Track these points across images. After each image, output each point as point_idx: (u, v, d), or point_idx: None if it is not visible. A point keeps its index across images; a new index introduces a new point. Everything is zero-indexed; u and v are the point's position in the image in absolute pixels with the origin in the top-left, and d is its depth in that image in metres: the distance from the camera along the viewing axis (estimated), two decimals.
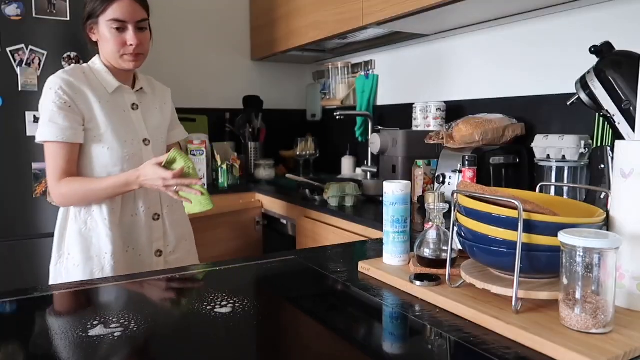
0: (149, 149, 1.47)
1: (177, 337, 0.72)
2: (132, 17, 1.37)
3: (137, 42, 1.37)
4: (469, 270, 0.83)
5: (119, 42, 1.37)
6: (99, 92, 1.41)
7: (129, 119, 1.45)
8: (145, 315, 0.79)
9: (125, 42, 1.37)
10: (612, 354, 0.61)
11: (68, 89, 1.34)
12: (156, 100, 1.57)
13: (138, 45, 1.38)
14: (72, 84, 1.36)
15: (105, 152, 1.40)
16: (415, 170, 1.90)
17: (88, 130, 1.38)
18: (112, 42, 1.37)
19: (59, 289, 0.91)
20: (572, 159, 1.46)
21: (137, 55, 1.40)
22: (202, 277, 1.02)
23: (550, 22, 1.75)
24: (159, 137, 1.53)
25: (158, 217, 1.47)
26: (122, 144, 1.41)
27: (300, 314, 0.81)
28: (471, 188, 0.79)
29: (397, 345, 0.71)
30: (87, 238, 1.38)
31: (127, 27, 1.36)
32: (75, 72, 1.40)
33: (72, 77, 1.37)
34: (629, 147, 0.75)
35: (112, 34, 1.36)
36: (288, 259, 1.11)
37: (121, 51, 1.38)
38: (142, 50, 1.41)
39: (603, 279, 0.66)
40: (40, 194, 2.07)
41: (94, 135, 1.39)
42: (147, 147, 1.47)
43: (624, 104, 1.17)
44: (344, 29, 2.14)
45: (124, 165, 1.41)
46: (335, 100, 2.84)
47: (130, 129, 1.44)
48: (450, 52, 2.17)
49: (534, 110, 1.80)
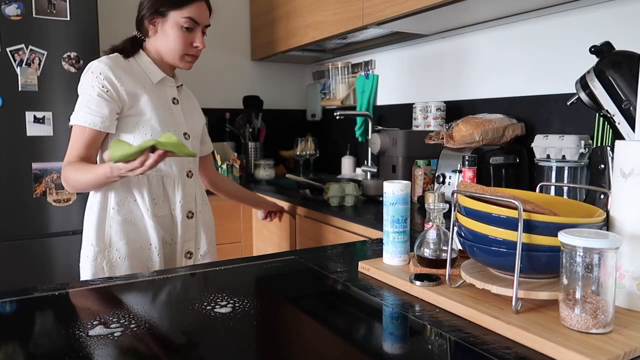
0: (188, 143, 1.46)
1: (177, 337, 0.72)
2: (204, 21, 1.40)
3: (203, 46, 1.40)
4: (469, 270, 0.83)
5: (185, 42, 1.37)
6: (142, 80, 1.39)
7: (172, 111, 1.44)
8: (146, 316, 0.79)
9: (192, 43, 1.38)
10: (612, 354, 0.61)
11: (111, 75, 1.31)
12: (190, 99, 1.58)
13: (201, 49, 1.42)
14: (115, 70, 1.33)
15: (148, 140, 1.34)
16: (415, 170, 1.90)
17: (129, 117, 1.35)
18: (178, 40, 1.36)
19: (59, 289, 0.91)
20: (572, 159, 1.46)
21: (197, 58, 1.44)
22: (202, 277, 1.02)
23: (550, 22, 1.75)
24: (197, 135, 1.53)
25: (192, 215, 1.46)
26: (165, 132, 1.36)
27: (300, 314, 0.81)
28: (471, 188, 0.79)
29: (397, 345, 0.71)
30: (134, 229, 1.35)
31: (197, 29, 1.38)
32: (119, 59, 1.38)
33: (116, 64, 1.34)
34: (629, 147, 0.75)
35: (181, 33, 1.36)
36: (288, 259, 1.11)
37: (185, 51, 1.38)
38: (199, 53, 1.44)
39: (603, 279, 0.66)
40: (40, 194, 2.07)
41: (137, 122, 1.35)
42: (187, 141, 1.45)
43: (624, 104, 1.17)
44: (344, 29, 2.14)
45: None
46: (335, 100, 2.84)
47: (173, 119, 1.43)
48: (450, 52, 2.17)
49: (534, 110, 1.80)
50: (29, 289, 0.89)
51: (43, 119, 2.05)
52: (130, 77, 1.35)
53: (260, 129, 2.87)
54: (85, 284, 0.95)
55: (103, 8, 2.55)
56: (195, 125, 1.53)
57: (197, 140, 1.53)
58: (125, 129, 1.35)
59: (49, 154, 2.07)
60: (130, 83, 1.35)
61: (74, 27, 2.08)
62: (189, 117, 1.49)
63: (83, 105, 1.31)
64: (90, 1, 2.11)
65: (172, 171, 1.44)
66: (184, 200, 1.44)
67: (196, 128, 1.53)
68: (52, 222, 2.10)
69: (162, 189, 1.41)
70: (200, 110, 1.61)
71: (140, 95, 1.36)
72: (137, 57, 1.43)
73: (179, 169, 1.44)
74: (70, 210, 2.12)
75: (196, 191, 1.49)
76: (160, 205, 1.40)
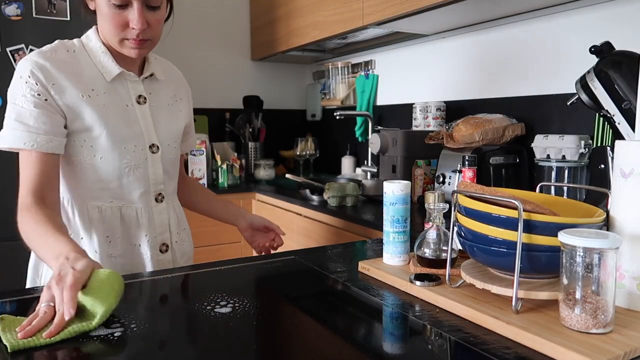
0: (157, 158, 1.15)
1: (177, 337, 0.72)
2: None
3: (141, 26, 1.02)
4: (469, 270, 0.83)
5: (117, 23, 1.02)
6: (90, 80, 1.07)
7: (132, 117, 1.11)
8: (146, 316, 0.79)
9: (127, 24, 1.02)
10: (612, 354, 0.61)
11: (42, 77, 1.01)
12: (170, 90, 1.22)
13: (144, 30, 1.03)
14: (47, 70, 1.02)
15: (98, 163, 1.07)
16: (415, 170, 1.90)
17: (73, 134, 1.05)
18: (109, 21, 1.02)
19: None
20: (572, 159, 1.46)
21: (143, 42, 1.05)
22: (202, 277, 1.02)
23: (550, 22, 1.75)
24: (172, 142, 1.19)
25: (167, 249, 1.18)
26: (120, 152, 1.08)
27: (300, 314, 0.81)
28: (471, 188, 0.79)
29: (397, 345, 0.71)
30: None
31: (132, 4, 1.01)
32: (57, 52, 1.06)
33: (48, 61, 1.03)
34: (629, 147, 0.75)
35: (110, 10, 1.01)
36: (288, 259, 1.11)
37: (120, 35, 1.04)
38: (149, 35, 1.05)
39: (603, 279, 0.66)
40: None
41: (83, 140, 1.06)
42: (154, 155, 1.14)
43: (624, 104, 1.17)
44: (344, 29, 2.14)
45: (123, 180, 1.10)
46: (335, 100, 2.84)
47: (133, 130, 1.10)
48: (450, 52, 2.17)
49: (534, 110, 1.80)
50: (28, 289, 0.89)
51: None
52: (70, 76, 1.04)
53: (260, 129, 2.87)
54: None
55: None
56: (172, 125, 1.20)
57: (173, 147, 1.20)
58: (69, 149, 1.06)
59: None
60: (70, 88, 1.03)
61: (74, 27, 2.08)
62: (161, 118, 1.17)
63: (14, 120, 1.00)
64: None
65: (132, 197, 1.13)
66: (154, 232, 1.15)
67: (173, 130, 1.20)
68: None
69: (120, 221, 1.11)
70: (185, 99, 1.27)
71: (83, 104, 1.04)
72: (87, 44, 1.10)
73: (142, 192, 1.13)
74: None
75: (170, 217, 1.20)
76: (116, 242, 1.11)
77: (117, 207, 1.12)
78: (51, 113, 1.02)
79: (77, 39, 1.12)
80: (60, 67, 1.04)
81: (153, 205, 1.16)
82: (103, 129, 1.06)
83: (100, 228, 1.10)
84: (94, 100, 1.06)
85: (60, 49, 1.07)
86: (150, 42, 1.08)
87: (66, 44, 1.09)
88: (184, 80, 1.30)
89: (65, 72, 1.04)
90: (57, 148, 1.03)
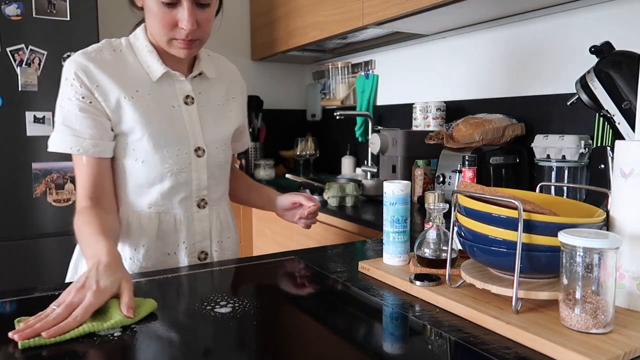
0: (202, 162, 1.09)
1: (177, 337, 0.72)
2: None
3: (191, 26, 0.97)
4: (469, 270, 0.83)
5: (166, 22, 0.97)
6: (135, 81, 1.03)
7: (178, 119, 1.06)
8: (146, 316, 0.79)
9: (176, 23, 0.98)
10: (612, 354, 0.60)
11: (86, 79, 0.98)
12: (222, 88, 1.16)
13: (194, 30, 0.98)
14: (90, 72, 0.99)
15: (139, 168, 1.04)
16: (415, 170, 1.90)
17: (117, 136, 1.03)
18: (158, 20, 0.98)
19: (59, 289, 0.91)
20: (572, 159, 1.46)
21: (191, 42, 1.01)
22: (202, 277, 1.02)
23: (550, 22, 1.75)
24: (220, 145, 1.13)
25: (205, 257, 1.14)
26: (162, 156, 1.04)
27: (300, 314, 0.81)
28: (471, 188, 0.79)
29: (397, 345, 0.71)
30: None
31: (181, 3, 0.96)
32: (102, 52, 1.02)
33: (92, 62, 0.99)
34: (629, 147, 0.75)
35: (159, 9, 0.97)
36: (288, 259, 1.11)
37: (169, 34, 0.99)
38: (198, 35, 1.01)
39: (603, 279, 0.66)
40: (40, 194, 2.07)
41: (125, 143, 1.03)
42: (199, 159, 1.09)
43: (624, 104, 1.17)
44: (344, 29, 2.14)
45: (164, 185, 1.05)
46: (335, 100, 2.84)
47: (177, 133, 1.05)
48: (450, 52, 2.17)
49: (534, 110, 1.80)
50: (29, 289, 0.89)
51: (43, 119, 2.05)
52: (115, 79, 1.01)
53: (260, 129, 2.87)
54: None
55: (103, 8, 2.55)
56: (221, 127, 1.14)
57: (222, 150, 1.14)
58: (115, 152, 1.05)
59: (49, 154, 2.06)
60: (114, 90, 1.00)
61: (74, 27, 2.08)
62: (210, 119, 1.12)
63: (60, 123, 1.00)
64: (90, 1, 2.11)
65: (172, 203, 1.08)
66: (193, 239, 1.11)
67: (222, 132, 1.14)
68: (52, 222, 2.10)
69: (157, 229, 1.08)
70: (239, 97, 1.21)
71: (127, 106, 1.01)
72: (134, 43, 1.07)
73: (183, 198, 1.09)
74: (70, 210, 2.12)
75: (212, 224, 1.15)
76: (150, 251, 1.07)
77: (156, 213, 1.08)
78: (96, 116, 1.00)
79: (125, 37, 1.09)
80: (104, 67, 1.01)
81: (194, 211, 1.11)
82: (145, 132, 1.02)
83: (137, 235, 1.07)
84: (137, 101, 1.02)
85: (106, 49, 1.04)
86: (199, 42, 1.03)
87: (113, 43, 1.06)
88: (239, 77, 1.24)
89: (110, 72, 1.01)
90: (104, 152, 1.01)
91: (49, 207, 2.09)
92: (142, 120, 1.02)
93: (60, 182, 2.10)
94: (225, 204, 1.22)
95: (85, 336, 0.70)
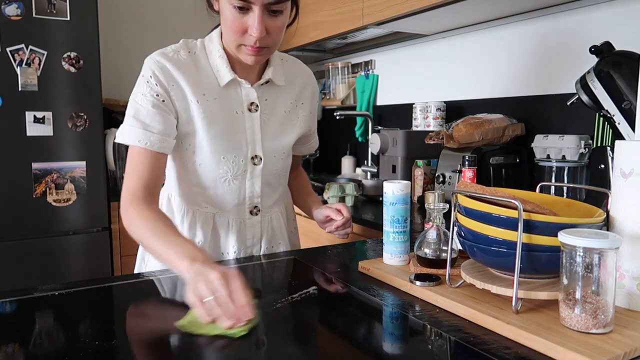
0: (258, 170, 1.10)
1: (177, 338, 0.72)
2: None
3: (259, 34, 0.95)
4: (469, 270, 0.83)
5: (237, 27, 0.97)
6: (205, 84, 1.05)
7: (239, 126, 1.07)
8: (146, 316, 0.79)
9: (246, 29, 0.97)
10: (612, 354, 0.60)
11: (163, 78, 1.01)
12: (291, 95, 1.16)
13: (263, 37, 0.97)
14: (168, 71, 1.01)
15: (197, 169, 1.07)
16: (415, 170, 1.90)
17: (180, 136, 1.05)
18: (229, 25, 0.98)
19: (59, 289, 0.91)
20: (572, 159, 1.46)
21: (260, 49, 0.99)
22: None
23: (550, 22, 1.75)
24: (279, 154, 1.14)
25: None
26: (218, 161, 1.06)
27: (300, 314, 0.81)
28: (471, 188, 0.79)
29: (397, 345, 0.71)
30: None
31: (252, 8, 0.95)
32: (179, 53, 1.04)
33: (169, 62, 1.02)
34: (629, 147, 0.75)
35: (231, 14, 0.96)
36: (288, 259, 1.11)
37: (239, 40, 0.99)
38: (267, 42, 0.99)
39: (603, 279, 0.66)
40: (40, 194, 2.07)
41: (188, 144, 1.06)
42: (255, 167, 1.10)
43: (624, 104, 1.17)
44: (344, 29, 2.14)
45: (218, 190, 1.08)
46: (335, 100, 2.84)
47: (236, 140, 1.07)
48: (450, 52, 2.17)
49: (534, 110, 1.80)
50: (29, 289, 0.89)
51: (43, 119, 2.05)
52: (188, 80, 1.03)
53: None
54: (86, 283, 0.95)
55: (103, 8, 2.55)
56: (283, 136, 1.14)
57: (280, 158, 1.14)
58: (176, 151, 1.07)
59: (49, 154, 2.08)
60: (186, 91, 1.03)
61: (74, 27, 2.08)
62: (273, 127, 1.12)
63: (132, 117, 1.01)
64: (90, 1, 2.11)
65: (226, 207, 1.11)
66: (243, 244, 1.14)
67: (283, 141, 1.14)
68: (52, 222, 2.10)
69: (212, 229, 1.11)
70: (308, 102, 1.20)
71: (194, 108, 1.03)
72: (208, 46, 1.08)
73: (236, 204, 1.11)
74: (70, 210, 2.12)
75: (264, 230, 1.16)
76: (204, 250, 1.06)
77: (211, 213, 1.11)
78: (166, 114, 1.01)
79: (201, 39, 1.10)
80: (180, 68, 1.03)
81: (246, 217, 1.14)
82: (205, 136, 1.04)
83: (195, 231, 1.10)
84: (203, 105, 1.04)
85: (182, 50, 1.06)
86: (268, 50, 1.02)
87: (189, 45, 1.08)
88: (311, 80, 1.22)
89: (184, 74, 1.03)
90: (167, 148, 1.02)
91: (49, 207, 2.09)
92: (204, 124, 1.04)
93: (60, 182, 2.10)
94: (279, 209, 1.23)
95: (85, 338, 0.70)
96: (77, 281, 0.96)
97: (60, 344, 0.68)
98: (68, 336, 0.71)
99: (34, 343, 0.69)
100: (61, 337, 0.71)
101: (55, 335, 0.72)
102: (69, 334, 0.72)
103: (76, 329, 0.74)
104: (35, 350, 0.67)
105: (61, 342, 0.69)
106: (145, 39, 2.76)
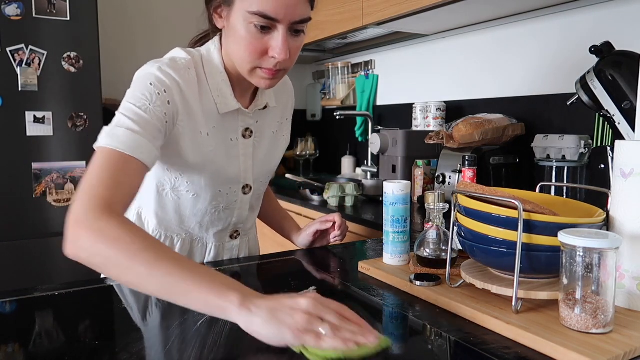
0: (247, 199, 1.07)
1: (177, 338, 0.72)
2: (289, 15, 0.84)
3: (285, 56, 0.86)
4: (469, 270, 0.83)
5: (255, 48, 0.86)
6: (207, 111, 0.94)
7: (234, 155, 1.00)
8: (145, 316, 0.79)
9: (267, 51, 0.86)
10: (612, 354, 0.60)
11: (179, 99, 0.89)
12: (277, 114, 1.09)
13: (285, 60, 0.87)
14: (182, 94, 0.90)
15: (188, 199, 1.00)
16: (415, 170, 1.90)
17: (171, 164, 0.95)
18: (245, 45, 0.86)
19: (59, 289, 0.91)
20: (572, 159, 1.46)
21: (277, 72, 0.90)
22: None
23: (550, 22, 1.75)
24: (265, 178, 1.10)
25: None
26: (214, 194, 1.00)
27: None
28: (471, 188, 0.79)
29: (397, 345, 0.71)
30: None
31: (277, 28, 0.85)
32: (189, 71, 0.92)
33: (185, 83, 0.90)
34: (629, 147, 0.75)
35: (249, 34, 0.85)
36: (288, 259, 1.11)
37: (255, 62, 0.87)
38: (287, 65, 0.90)
39: (603, 279, 0.66)
40: (40, 194, 2.07)
41: (179, 173, 0.97)
42: (245, 196, 1.06)
43: (624, 104, 1.17)
44: (344, 29, 2.14)
45: (205, 219, 1.04)
46: (335, 100, 2.84)
47: (232, 172, 1.01)
48: (450, 52, 2.17)
49: (534, 110, 1.80)
50: (29, 289, 0.89)
51: (43, 119, 2.05)
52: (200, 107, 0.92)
53: None
54: (85, 283, 0.95)
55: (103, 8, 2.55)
56: (271, 159, 1.09)
57: (264, 182, 1.11)
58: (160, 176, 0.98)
59: (49, 154, 2.08)
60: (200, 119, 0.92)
61: (74, 27, 2.08)
62: (262, 151, 1.06)
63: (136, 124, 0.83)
64: (90, 1, 2.11)
65: (208, 234, 1.07)
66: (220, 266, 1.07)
67: (271, 165, 1.10)
68: (52, 222, 2.10)
69: (188, 252, 1.06)
70: (289, 114, 1.15)
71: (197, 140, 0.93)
72: (207, 63, 0.95)
73: (219, 230, 1.08)
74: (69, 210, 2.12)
75: (241, 251, 1.15)
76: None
77: (189, 240, 1.07)
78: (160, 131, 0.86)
79: (199, 50, 0.97)
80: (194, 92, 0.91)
81: (226, 241, 1.11)
82: (205, 170, 0.96)
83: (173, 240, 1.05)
84: (204, 139, 0.94)
85: (191, 66, 0.93)
86: (284, 72, 0.92)
87: (195, 58, 0.95)
88: (292, 93, 1.17)
89: (197, 100, 0.92)
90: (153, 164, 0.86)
91: (49, 207, 2.09)
92: (204, 159, 0.96)
93: (60, 182, 2.10)
94: (254, 229, 1.22)
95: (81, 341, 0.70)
96: (77, 281, 0.96)
97: (60, 344, 0.68)
98: (68, 336, 0.71)
99: (34, 343, 0.69)
100: (61, 337, 0.71)
101: (55, 335, 0.72)
102: (69, 334, 0.72)
103: (76, 329, 0.74)
104: (35, 350, 0.67)
105: (61, 342, 0.69)
106: (145, 39, 2.76)
